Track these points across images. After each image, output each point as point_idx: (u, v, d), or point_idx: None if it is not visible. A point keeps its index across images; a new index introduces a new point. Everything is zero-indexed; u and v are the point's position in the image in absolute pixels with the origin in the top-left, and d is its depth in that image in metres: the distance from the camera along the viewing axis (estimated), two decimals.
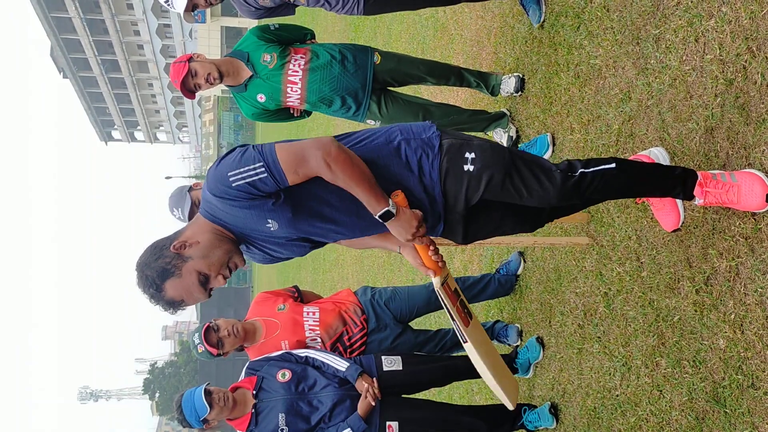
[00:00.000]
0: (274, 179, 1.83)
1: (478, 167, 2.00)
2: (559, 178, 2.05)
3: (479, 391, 4.35)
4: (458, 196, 2.03)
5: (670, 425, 2.47)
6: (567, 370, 3.25)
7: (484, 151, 2.03)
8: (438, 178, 2.01)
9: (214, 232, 1.95)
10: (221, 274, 1.96)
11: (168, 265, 1.91)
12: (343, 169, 1.85)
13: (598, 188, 2.11)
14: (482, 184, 2.01)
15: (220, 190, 1.86)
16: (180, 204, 3.26)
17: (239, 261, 2.00)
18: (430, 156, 2.01)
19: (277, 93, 3.46)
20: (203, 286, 1.94)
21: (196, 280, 1.92)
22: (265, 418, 2.95)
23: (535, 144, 3.52)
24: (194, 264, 1.92)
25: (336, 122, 11.18)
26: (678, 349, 2.45)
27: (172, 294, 1.93)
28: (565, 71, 3.34)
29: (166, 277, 1.91)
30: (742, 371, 2.15)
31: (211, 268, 1.93)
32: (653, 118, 2.64)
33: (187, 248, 1.92)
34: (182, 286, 1.92)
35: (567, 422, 3.21)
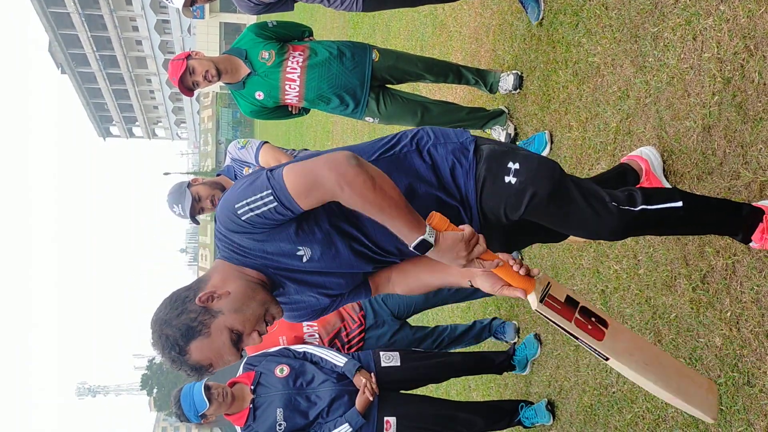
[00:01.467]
0: (284, 207, 1.54)
1: (521, 180, 1.74)
2: (616, 212, 1.81)
3: (476, 388, 4.37)
4: (497, 210, 1.77)
5: (666, 422, 2.48)
6: (564, 367, 3.26)
7: (530, 162, 1.77)
8: (474, 188, 1.76)
9: (245, 279, 1.64)
10: (257, 330, 1.63)
11: (193, 322, 1.57)
12: (362, 193, 1.51)
13: (656, 227, 1.90)
14: (525, 200, 1.74)
15: (230, 224, 1.59)
16: (180, 200, 3.26)
17: (276, 312, 1.67)
18: (464, 163, 1.76)
19: (275, 90, 3.46)
20: (236, 346, 1.61)
21: (228, 339, 1.58)
22: (263, 413, 2.96)
23: (533, 142, 3.53)
24: (225, 320, 1.58)
25: (334, 119, 11.18)
26: (674, 347, 2.46)
27: (198, 357, 1.58)
28: (563, 69, 3.35)
29: (192, 337, 1.57)
30: (738, 369, 2.16)
31: (246, 324, 1.60)
32: (651, 116, 2.64)
33: (216, 300, 1.60)
34: (211, 347, 1.58)
35: (563, 419, 3.22)
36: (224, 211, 1.59)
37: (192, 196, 3.23)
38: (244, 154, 3.34)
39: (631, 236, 1.93)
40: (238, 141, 3.41)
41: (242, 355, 1.67)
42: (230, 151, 3.42)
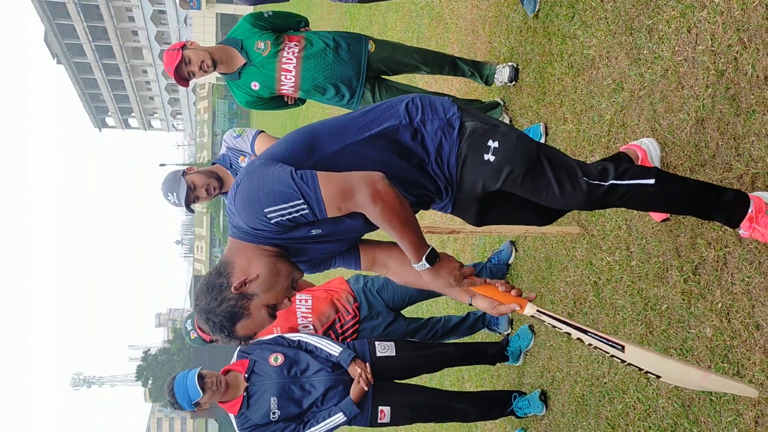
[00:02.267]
0: (313, 214, 1.73)
1: (499, 158, 1.88)
2: (585, 186, 1.91)
3: (470, 379, 4.39)
4: (475, 184, 1.93)
5: (657, 412, 2.50)
6: (556, 358, 3.28)
7: (508, 140, 1.90)
8: (456, 163, 1.91)
9: (266, 257, 1.82)
10: (287, 297, 1.87)
11: (234, 308, 1.79)
12: (391, 212, 1.73)
13: (627, 202, 1.99)
14: (501, 177, 1.89)
15: (257, 224, 1.75)
16: (175, 189, 3.26)
17: (299, 276, 1.89)
18: (450, 138, 1.90)
19: (271, 81, 3.46)
20: (272, 316, 1.86)
21: (266, 313, 1.83)
22: (257, 401, 2.97)
23: (528, 134, 3.53)
24: (261, 300, 1.81)
25: (330, 110, 11.17)
26: (665, 338, 2.48)
27: (243, 333, 1.84)
28: (558, 61, 3.35)
29: (236, 320, 1.80)
30: (728, 359, 2.18)
31: (278, 298, 1.84)
32: (645, 109, 2.65)
33: (249, 285, 1.79)
34: (254, 323, 1.83)
35: (555, 409, 3.25)
36: (251, 211, 1.73)
37: (187, 185, 3.23)
38: (240, 143, 3.34)
39: (602, 208, 2.04)
40: (234, 130, 3.41)
41: (276, 316, 1.88)
42: (226, 140, 3.42)
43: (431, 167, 1.92)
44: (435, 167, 1.92)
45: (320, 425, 2.98)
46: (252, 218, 1.74)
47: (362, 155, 1.85)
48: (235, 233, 1.85)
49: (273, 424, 2.96)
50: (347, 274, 3.85)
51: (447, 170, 1.92)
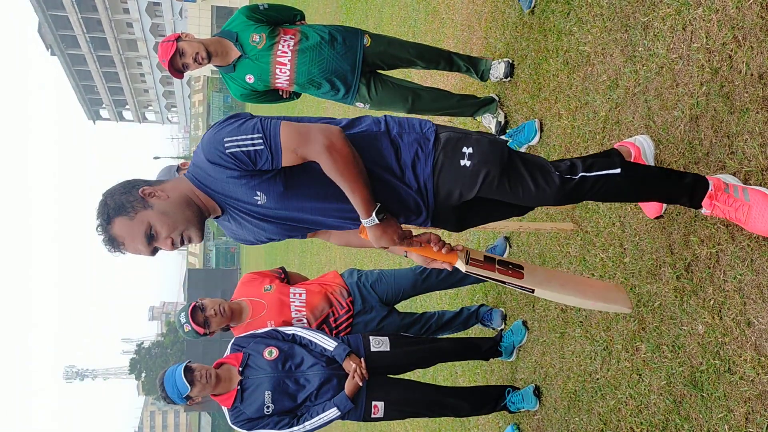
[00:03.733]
0: (270, 153, 1.80)
1: (474, 162, 1.95)
2: (558, 180, 1.99)
3: (463, 374, 4.40)
4: (452, 191, 1.99)
5: (649, 408, 2.52)
6: (549, 353, 3.29)
7: (481, 145, 1.98)
8: (431, 173, 1.97)
9: (188, 195, 1.91)
10: (171, 238, 1.90)
11: (127, 203, 1.86)
12: (344, 163, 1.81)
13: (598, 193, 2.06)
14: (478, 181, 1.96)
15: (213, 155, 1.82)
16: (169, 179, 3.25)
17: (195, 236, 1.93)
18: (425, 149, 1.97)
19: (266, 74, 3.45)
20: (148, 240, 1.88)
21: (144, 230, 1.86)
22: (251, 395, 2.98)
23: (523, 130, 3.54)
24: (150, 214, 1.87)
25: (325, 105, 11.15)
26: (658, 334, 2.49)
27: (117, 231, 1.87)
28: (554, 57, 3.35)
29: (119, 213, 1.86)
30: (720, 356, 2.19)
31: (163, 228, 1.88)
32: (639, 106, 2.66)
33: (154, 198, 1.88)
34: (129, 228, 1.86)
35: (548, 404, 3.26)
36: (211, 141, 1.82)
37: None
38: None
39: (575, 202, 2.09)
40: None
41: (154, 252, 1.92)
42: None
43: (407, 178, 1.97)
44: (411, 178, 1.97)
45: (314, 420, 2.99)
46: (211, 148, 1.82)
47: None
48: (189, 171, 1.94)
49: (266, 417, 2.96)
50: (341, 267, 3.86)
51: (423, 181, 1.97)
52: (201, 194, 1.92)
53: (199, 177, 1.90)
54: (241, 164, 1.81)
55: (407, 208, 2.02)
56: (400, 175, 1.97)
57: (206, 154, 1.84)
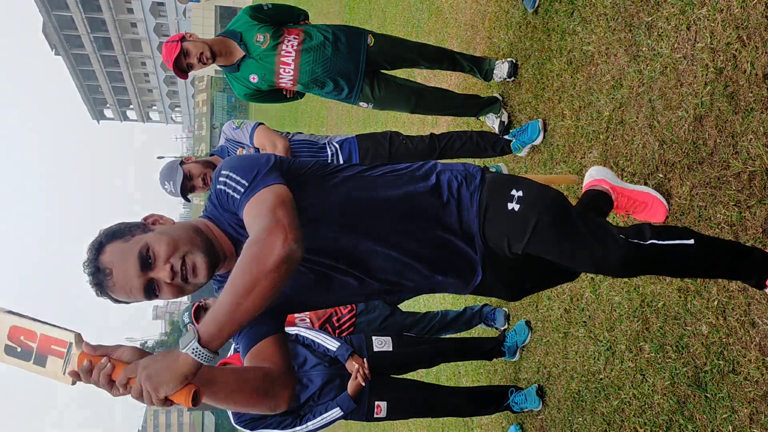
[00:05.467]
0: (234, 206, 1.54)
1: (523, 207, 1.69)
2: (624, 243, 1.70)
3: (466, 374, 4.40)
4: (500, 242, 1.72)
5: (652, 408, 2.51)
6: (552, 353, 3.28)
7: (532, 189, 1.74)
8: (477, 214, 1.72)
9: (198, 227, 1.60)
10: (170, 263, 1.48)
11: (124, 228, 1.54)
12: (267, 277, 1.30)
13: (668, 265, 1.79)
14: (529, 229, 1.67)
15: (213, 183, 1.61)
16: (171, 177, 3.25)
17: (200, 262, 1.51)
18: (471, 186, 1.75)
19: (269, 74, 3.45)
20: (141, 265, 1.47)
21: (138, 251, 1.47)
22: None
23: (527, 130, 3.53)
24: (148, 237, 1.51)
25: (329, 105, 11.16)
26: (661, 335, 2.49)
27: (106, 259, 1.48)
28: (557, 57, 3.35)
29: (114, 239, 1.51)
30: (724, 357, 2.19)
31: (162, 246, 1.48)
32: (643, 106, 2.65)
33: (157, 224, 1.59)
34: (121, 252, 1.47)
35: (551, 405, 3.25)
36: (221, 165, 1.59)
37: (184, 174, 3.22)
38: (239, 135, 3.33)
39: (640, 273, 1.80)
40: (233, 121, 3.40)
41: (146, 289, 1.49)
42: (225, 131, 3.41)
43: (450, 216, 1.73)
44: (457, 217, 1.73)
45: (317, 420, 2.98)
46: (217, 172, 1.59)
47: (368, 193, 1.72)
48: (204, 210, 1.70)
49: (269, 417, 2.96)
50: None
51: (468, 222, 1.73)
52: (216, 230, 1.62)
53: (211, 209, 1.64)
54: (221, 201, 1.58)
55: (457, 264, 1.76)
56: (442, 213, 1.73)
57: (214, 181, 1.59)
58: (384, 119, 7.11)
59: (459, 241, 1.73)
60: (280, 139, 3.22)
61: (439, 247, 1.73)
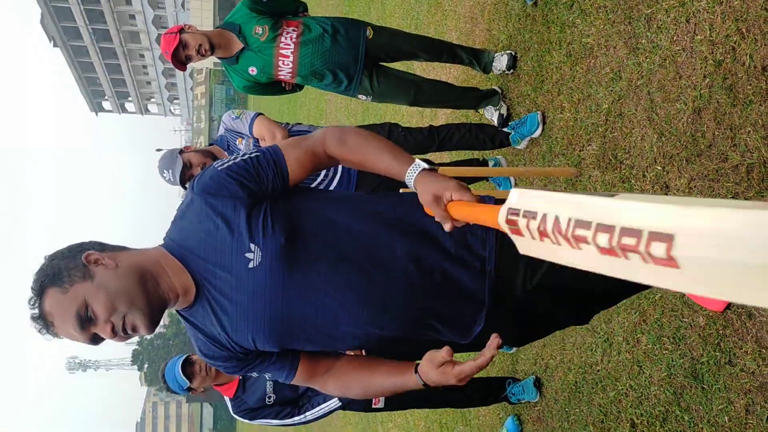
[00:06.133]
0: (270, 156, 1.49)
1: None
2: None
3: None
4: (514, 277, 1.55)
5: (649, 400, 2.53)
6: (550, 345, 3.30)
7: None
8: (494, 250, 1.53)
9: (145, 267, 1.45)
10: (111, 322, 1.41)
11: (65, 271, 1.42)
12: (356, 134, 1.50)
13: None
14: (542, 269, 1.52)
15: (204, 185, 1.46)
16: (171, 166, 3.25)
17: (140, 323, 1.42)
18: (477, 229, 1.54)
19: (268, 66, 3.45)
20: (80, 321, 1.40)
21: (76, 310, 1.39)
22: (252, 385, 3.00)
23: (525, 122, 3.54)
24: (87, 288, 1.40)
25: (328, 97, 11.14)
26: (659, 326, 2.50)
27: (47, 308, 1.41)
28: (557, 49, 3.35)
29: (52, 284, 1.41)
30: (720, 348, 2.20)
31: (99, 306, 1.39)
32: (642, 98, 2.66)
33: (99, 267, 1.43)
34: (60, 306, 1.40)
35: (548, 396, 3.27)
36: (201, 178, 1.48)
37: (183, 163, 3.23)
38: (238, 125, 3.33)
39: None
40: (233, 111, 3.40)
41: (91, 338, 1.43)
42: (224, 121, 3.41)
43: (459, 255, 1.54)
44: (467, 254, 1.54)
45: (315, 410, 3.00)
46: (202, 180, 1.47)
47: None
48: (165, 237, 1.55)
49: (268, 407, 2.98)
50: None
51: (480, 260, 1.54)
52: (171, 262, 1.48)
53: (177, 237, 1.50)
54: (240, 179, 1.45)
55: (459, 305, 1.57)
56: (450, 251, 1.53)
57: (196, 189, 1.47)
58: (383, 112, 7.11)
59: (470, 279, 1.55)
60: (280, 130, 3.22)
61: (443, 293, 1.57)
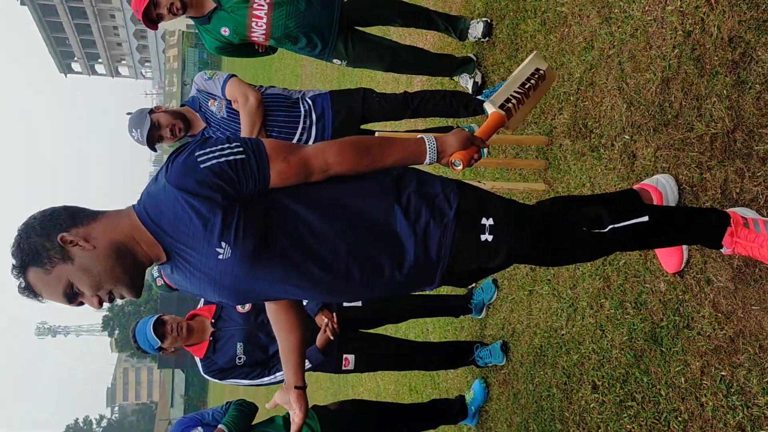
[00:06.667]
0: (256, 163, 1.50)
1: (496, 238, 1.68)
2: (591, 240, 1.83)
3: (434, 331, 4.49)
4: (469, 265, 1.73)
5: (610, 362, 2.60)
6: (517, 310, 3.37)
7: (507, 214, 1.73)
8: (449, 252, 1.67)
9: (120, 243, 1.53)
10: (97, 296, 1.54)
11: (43, 251, 1.49)
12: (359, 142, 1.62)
13: (624, 242, 1.88)
14: (500, 257, 1.71)
15: (182, 177, 1.48)
16: (139, 125, 3.22)
17: (127, 294, 1.57)
18: (440, 224, 1.66)
19: (241, 27, 3.40)
20: (68, 298, 1.53)
21: (62, 289, 1.52)
22: (223, 346, 3.02)
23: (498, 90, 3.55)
24: (69, 271, 1.50)
25: (303, 63, 11.03)
26: (621, 292, 2.57)
27: (31, 281, 1.53)
28: (532, 18, 3.36)
29: (34, 264, 1.50)
30: (680, 313, 2.27)
31: (85, 287, 1.52)
32: (613, 68, 2.69)
33: (76, 248, 1.50)
34: (46, 284, 1.52)
35: (515, 360, 3.35)
36: (179, 163, 1.50)
37: (152, 123, 3.19)
38: (211, 86, 3.29)
39: (608, 255, 1.95)
40: (205, 72, 3.36)
41: (79, 305, 1.57)
42: (196, 82, 3.37)
43: (412, 247, 1.66)
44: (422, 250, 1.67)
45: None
46: (180, 170, 1.49)
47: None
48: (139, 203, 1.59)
49: (238, 368, 3.01)
50: None
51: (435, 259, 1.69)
52: (144, 236, 1.54)
53: (151, 212, 1.54)
54: (219, 183, 1.47)
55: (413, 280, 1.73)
56: (405, 241, 1.66)
57: (172, 178, 1.50)
58: (359, 77, 7.07)
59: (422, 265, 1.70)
60: (253, 92, 3.19)
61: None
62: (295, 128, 3.32)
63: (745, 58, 2.07)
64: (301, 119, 3.33)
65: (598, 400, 2.65)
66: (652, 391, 2.36)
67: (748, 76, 2.05)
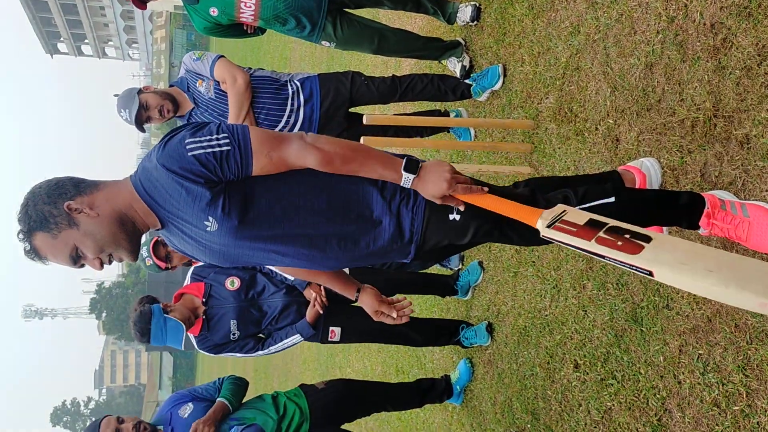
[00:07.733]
0: (239, 155, 1.63)
1: (464, 217, 1.81)
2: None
3: (420, 312, 4.54)
4: (439, 242, 1.87)
5: (592, 342, 2.66)
6: (502, 292, 3.42)
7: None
8: (420, 229, 1.82)
9: (121, 211, 1.70)
10: (99, 259, 1.71)
11: (50, 218, 1.64)
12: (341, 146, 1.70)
13: None
14: (468, 236, 1.84)
15: (171, 160, 1.62)
16: (128, 105, 3.22)
17: (125, 257, 1.74)
18: (410, 202, 1.81)
19: (230, 7, 3.39)
20: (73, 260, 1.70)
21: (68, 253, 1.68)
22: (216, 323, 3.07)
23: (487, 74, 3.58)
24: (75, 236, 1.66)
25: (293, 45, 10.98)
26: (604, 273, 2.62)
27: (39, 245, 1.67)
28: (520, 2, 3.38)
29: (41, 229, 1.65)
30: (659, 293, 2.33)
31: (88, 250, 1.68)
32: (599, 53, 2.72)
33: (81, 215, 1.66)
34: (52, 247, 1.67)
35: (499, 340, 3.41)
36: (169, 145, 1.65)
37: (140, 103, 3.20)
38: (199, 66, 3.29)
39: None
40: (194, 53, 3.36)
41: (81, 266, 1.74)
42: (185, 62, 3.37)
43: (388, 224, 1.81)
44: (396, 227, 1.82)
45: (278, 345, 3.11)
46: (169, 153, 1.63)
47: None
48: (135, 175, 1.73)
49: (232, 342, 3.08)
50: None
51: (408, 235, 1.83)
52: (141, 206, 1.71)
53: (147, 185, 1.68)
54: (203, 171, 1.61)
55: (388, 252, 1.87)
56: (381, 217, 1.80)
57: (162, 159, 1.63)
58: (348, 61, 7.06)
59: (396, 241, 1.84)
60: (241, 74, 3.20)
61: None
62: (282, 110, 3.34)
63: (726, 43, 2.11)
64: (289, 101, 3.34)
65: (579, 379, 2.71)
66: (631, 369, 2.42)
67: (729, 62, 2.09)
